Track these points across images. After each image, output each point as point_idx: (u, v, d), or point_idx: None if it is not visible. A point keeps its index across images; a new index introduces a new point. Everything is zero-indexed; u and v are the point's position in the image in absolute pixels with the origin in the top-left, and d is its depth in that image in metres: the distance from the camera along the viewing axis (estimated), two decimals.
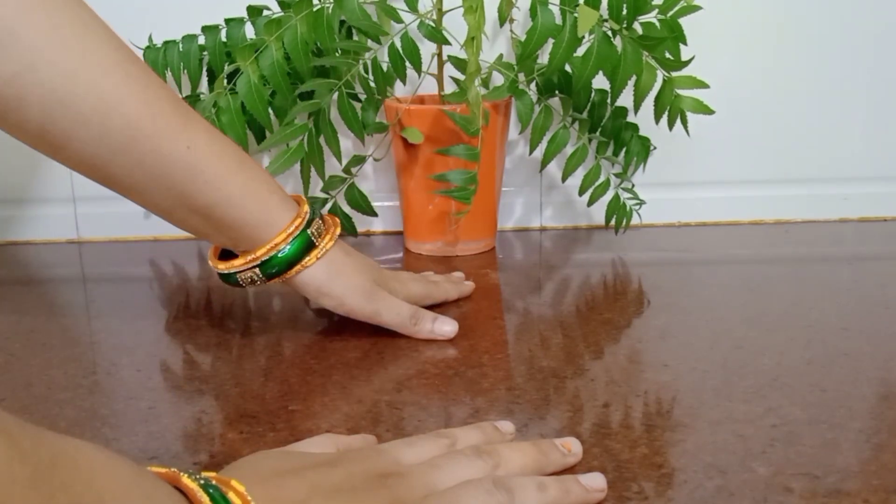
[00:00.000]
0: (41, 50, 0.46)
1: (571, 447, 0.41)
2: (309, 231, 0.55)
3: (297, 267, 0.54)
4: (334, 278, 0.56)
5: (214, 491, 0.30)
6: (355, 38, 0.75)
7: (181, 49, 0.76)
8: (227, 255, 0.58)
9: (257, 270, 0.54)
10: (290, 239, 0.54)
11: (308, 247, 0.54)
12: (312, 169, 0.75)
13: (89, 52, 0.48)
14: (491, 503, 0.34)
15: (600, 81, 0.72)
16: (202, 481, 0.30)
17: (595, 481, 0.38)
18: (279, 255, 0.54)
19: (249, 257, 0.54)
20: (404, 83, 0.76)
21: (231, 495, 0.31)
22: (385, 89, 0.74)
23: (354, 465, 0.36)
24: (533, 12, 0.69)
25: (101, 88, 0.48)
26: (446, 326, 0.58)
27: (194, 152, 0.51)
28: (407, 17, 0.72)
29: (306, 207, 0.56)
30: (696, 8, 0.70)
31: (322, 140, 0.73)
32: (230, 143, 0.54)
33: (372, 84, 0.74)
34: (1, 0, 0.46)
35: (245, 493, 0.31)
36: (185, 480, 0.30)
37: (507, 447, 0.39)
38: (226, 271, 0.55)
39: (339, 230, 0.57)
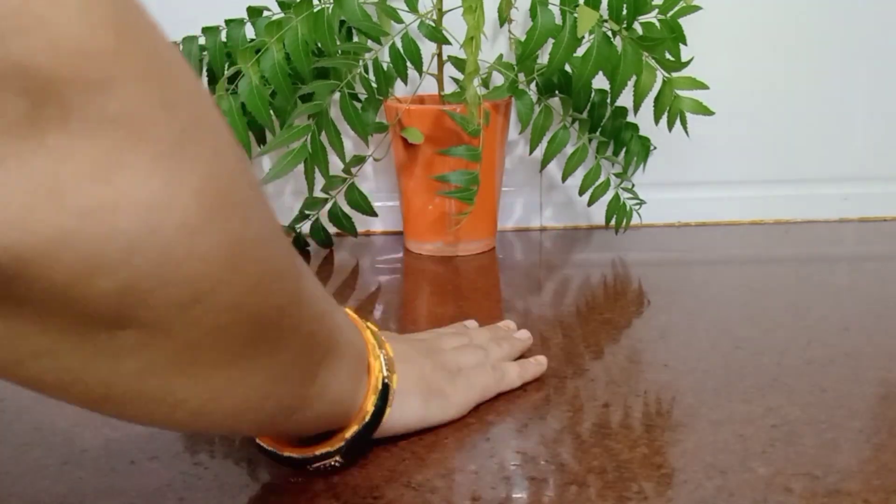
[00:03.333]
0: None
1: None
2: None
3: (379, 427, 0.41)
4: (403, 407, 0.43)
5: None
6: (356, 38, 0.75)
7: (181, 50, 0.76)
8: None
9: (338, 458, 0.40)
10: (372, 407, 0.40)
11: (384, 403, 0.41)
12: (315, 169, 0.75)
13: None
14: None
15: (600, 81, 0.72)
16: None
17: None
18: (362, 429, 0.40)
19: (335, 446, 0.40)
20: (405, 83, 0.76)
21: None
22: (387, 90, 0.74)
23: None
24: (533, 12, 0.69)
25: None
26: (531, 367, 0.50)
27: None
28: (407, 17, 0.72)
29: (376, 374, 0.40)
30: (696, 8, 0.70)
31: (325, 141, 0.73)
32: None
33: (374, 84, 0.74)
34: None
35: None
36: None
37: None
38: (300, 456, 0.40)
39: (381, 353, 0.41)
